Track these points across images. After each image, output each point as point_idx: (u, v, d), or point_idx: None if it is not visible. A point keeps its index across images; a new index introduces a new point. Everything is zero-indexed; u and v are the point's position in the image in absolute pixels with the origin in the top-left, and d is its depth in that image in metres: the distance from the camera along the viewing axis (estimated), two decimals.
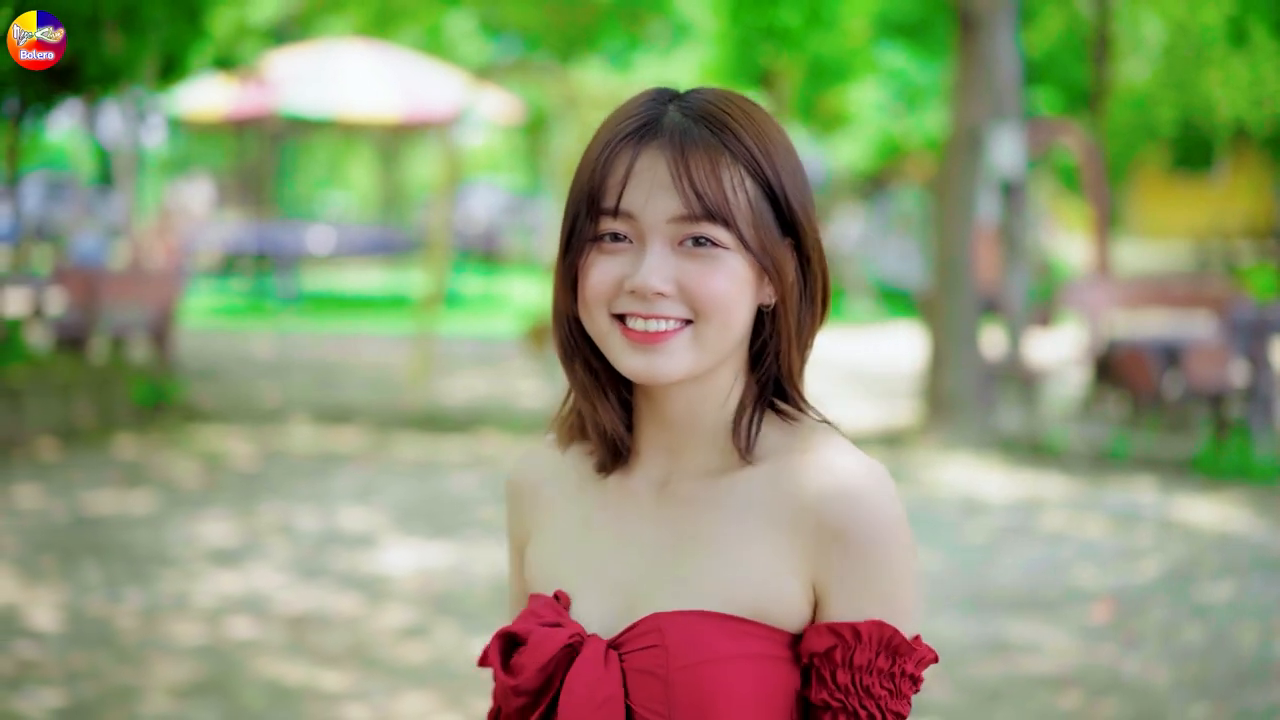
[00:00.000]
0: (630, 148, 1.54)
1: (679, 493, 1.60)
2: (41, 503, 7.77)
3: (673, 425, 1.60)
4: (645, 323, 1.52)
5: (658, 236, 1.52)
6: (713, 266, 1.52)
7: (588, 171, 1.56)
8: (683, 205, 1.51)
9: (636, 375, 1.54)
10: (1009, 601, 6.30)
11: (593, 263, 1.55)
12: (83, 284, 11.29)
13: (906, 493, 8.47)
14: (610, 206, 1.54)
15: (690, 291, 1.52)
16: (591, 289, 1.55)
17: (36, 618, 5.76)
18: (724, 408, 1.60)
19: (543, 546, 1.66)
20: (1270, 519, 7.91)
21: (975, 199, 10.35)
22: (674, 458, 1.62)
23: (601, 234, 1.55)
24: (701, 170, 1.52)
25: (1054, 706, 5.03)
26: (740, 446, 1.58)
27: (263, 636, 5.62)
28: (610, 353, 1.56)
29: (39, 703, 4.85)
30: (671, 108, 1.56)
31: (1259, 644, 5.72)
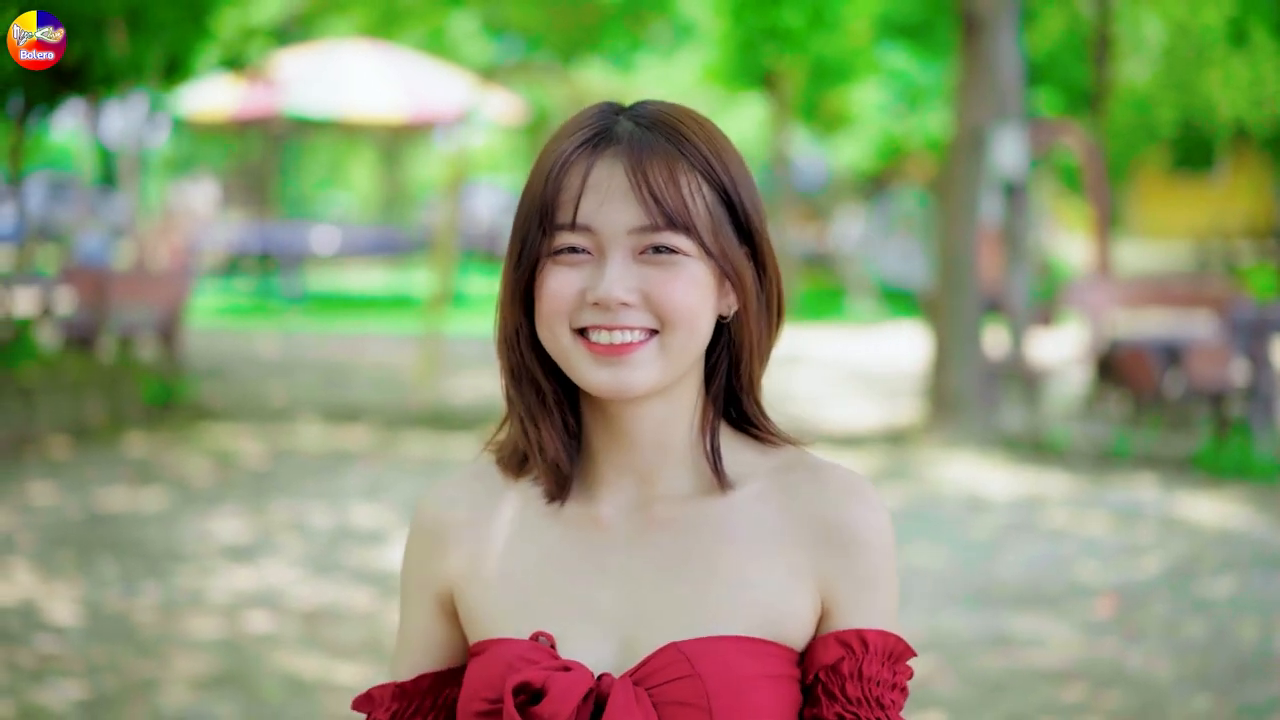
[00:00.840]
0: (584, 159, 1.51)
1: (659, 518, 1.56)
2: (55, 500, 7.86)
3: (641, 447, 1.56)
4: (610, 334, 1.49)
5: (618, 247, 1.49)
6: (675, 274, 1.49)
7: (539, 185, 1.52)
8: (642, 215, 1.49)
9: (603, 390, 1.50)
10: (1012, 597, 6.38)
11: (550, 276, 1.51)
12: (91, 284, 11.38)
13: (910, 490, 8.57)
14: (567, 220, 1.50)
15: (655, 300, 1.49)
16: (551, 303, 1.51)
17: (55, 612, 5.84)
18: (692, 426, 1.57)
19: (494, 589, 1.57)
20: (1271, 516, 8.00)
21: (978, 199, 10.44)
22: (645, 482, 1.57)
23: (559, 248, 1.51)
24: (660, 178, 1.49)
25: (1057, 699, 5.11)
26: (713, 467, 1.56)
27: (278, 631, 5.70)
28: (573, 369, 1.52)
29: (61, 695, 4.93)
30: (622, 118, 1.54)
31: (1260, 638, 5.81)
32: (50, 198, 26.13)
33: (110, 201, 23.38)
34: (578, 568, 1.54)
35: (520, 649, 1.51)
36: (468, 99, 15.92)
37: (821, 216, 23.73)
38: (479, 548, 1.58)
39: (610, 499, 1.57)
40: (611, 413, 1.55)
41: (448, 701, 1.63)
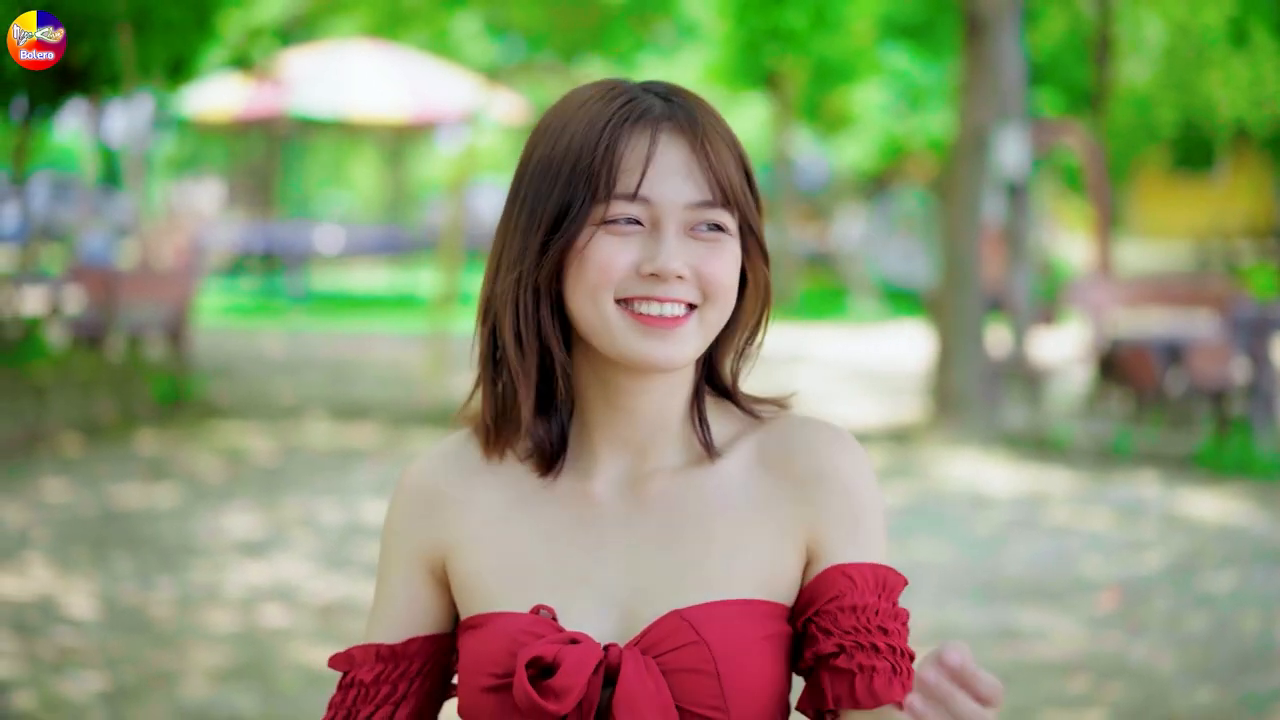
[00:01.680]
0: (643, 130, 1.52)
1: (652, 491, 1.57)
2: (69, 496, 7.94)
3: (642, 422, 1.58)
4: (661, 306, 1.51)
5: (672, 221, 1.52)
6: (721, 251, 1.53)
7: (588, 150, 1.52)
8: (702, 190, 1.52)
9: (646, 361, 1.52)
10: (1017, 591, 6.47)
11: (601, 245, 1.51)
12: (100, 283, 11.47)
13: (914, 488, 8.65)
14: (628, 190, 1.51)
15: (703, 276, 1.52)
16: (603, 272, 1.51)
17: (73, 606, 5.93)
18: (686, 402, 1.60)
19: (491, 561, 1.57)
20: (1271, 512, 8.08)
21: (980, 199, 10.53)
22: (639, 456, 1.59)
23: (613, 218, 1.51)
24: (717, 155, 1.53)
25: (1063, 690, 5.20)
26: (704, 441, 1.58)
27: (294, 624, 5.79)
28: (612, 339, 1.52)
29: (83, 686, 5.02)
30: (652, 97, 1.55)
31: (1261, 631, 5.89)
32: (53, 198, 26.21)
33: (113, 201, 23.46)
34: (574, 542, 1.55)
35: (522, 623, 1.51)
36: (473, 100, 16.00)
37: (823, 216, 23.81)
38: (472, 517, 1.58)
39: (603, 473, 1.58)
40: (618, 386, 1.56)
41: (436, 668, 1.62)
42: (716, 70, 20.85)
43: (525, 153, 1.59)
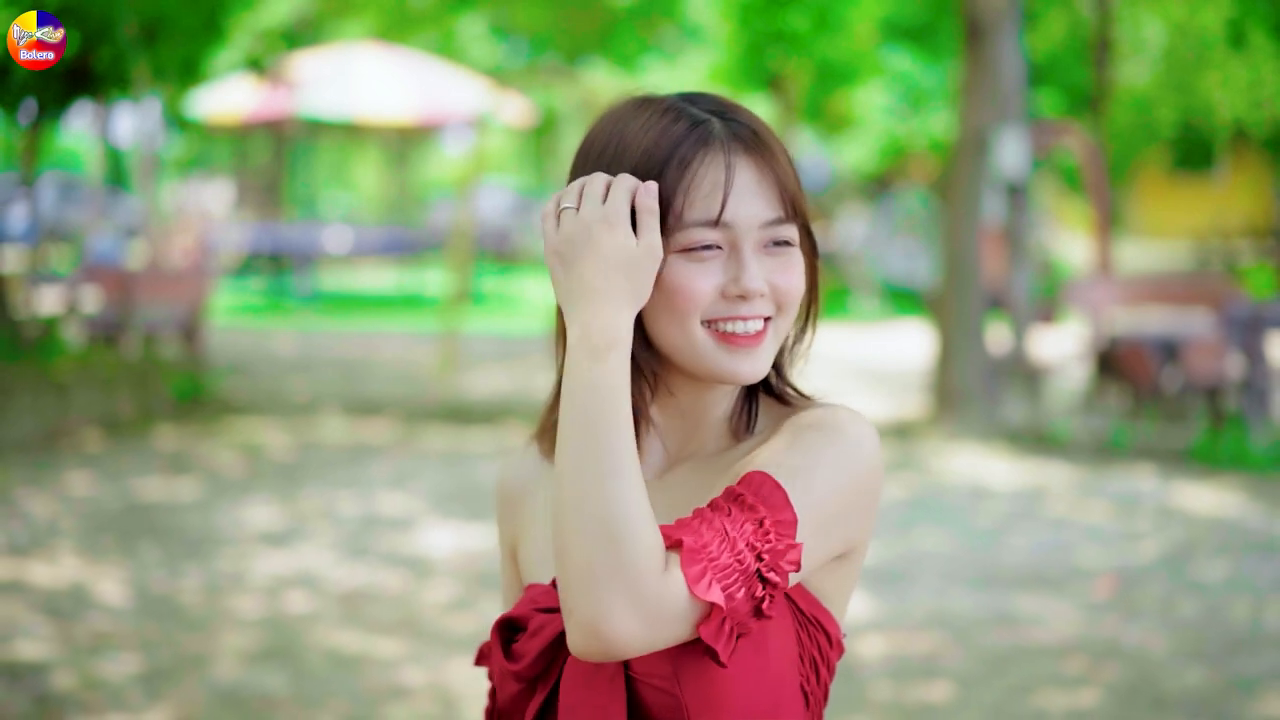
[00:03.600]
0: (715, 157, 1.56)
1: (681, 478, 1.65)
2: (93, 489, 8.16)
3: (685, 416, 1.65)
4: (746, 324, 1.57)
5: (749, 241, 1.57)
6: (792, 263, 1.61)
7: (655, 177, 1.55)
8: (774, 208, 1.58)
9: (738, 378, 1.58)
10: (1016, 579, 6.67)
11: (684, 273, 1.55)
12: (116, 283, 11.70)
13: (917, 481, 8.86)
14: (710, 217, 1.55)
15: (779, 289, 1.59)
16: (690, 299, 1.55)
17: (105, 593, 6.14)
18: (732, 396, 1.66)
19: (536, 540, 1.71)
20: (1264, 504, 8.28)
21: (981, 200, 10.74)
22: (678, 447, 1.66)
23: (693, 245, 1.56)
24: (783, 172, 1.59)
25: (1058, 672, 5.40)
26: (740, 427, 1.66)
27: (319, 609, 6.00)
28: (701, 360, 1.57)
29: (119, 668, 5.23)
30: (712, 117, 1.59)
31: (1251, 617, 6.10)
32: (60, 199, 26.38)
33: (120, 202, 23.65)
34: None
35: (537, 591, 1.64)
36: (479, 101, 16.20)
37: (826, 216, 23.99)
38: (534, 504, 1.73)
39: (645, 463, 1.64)
40: (677, 389, 1.64)
41: None
42: (720, 72, 21.04)
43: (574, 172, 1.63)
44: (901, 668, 5.43)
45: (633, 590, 1.43)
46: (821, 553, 1.54)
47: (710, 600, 1.44)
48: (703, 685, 1.50)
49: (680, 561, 1.45)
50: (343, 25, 22.82)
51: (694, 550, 1.45)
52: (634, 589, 1.43)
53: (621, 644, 1.44)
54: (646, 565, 1.44)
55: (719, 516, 1.48)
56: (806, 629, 1.58)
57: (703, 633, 1.44)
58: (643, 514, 1.46)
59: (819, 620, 1.60)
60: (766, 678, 1.53)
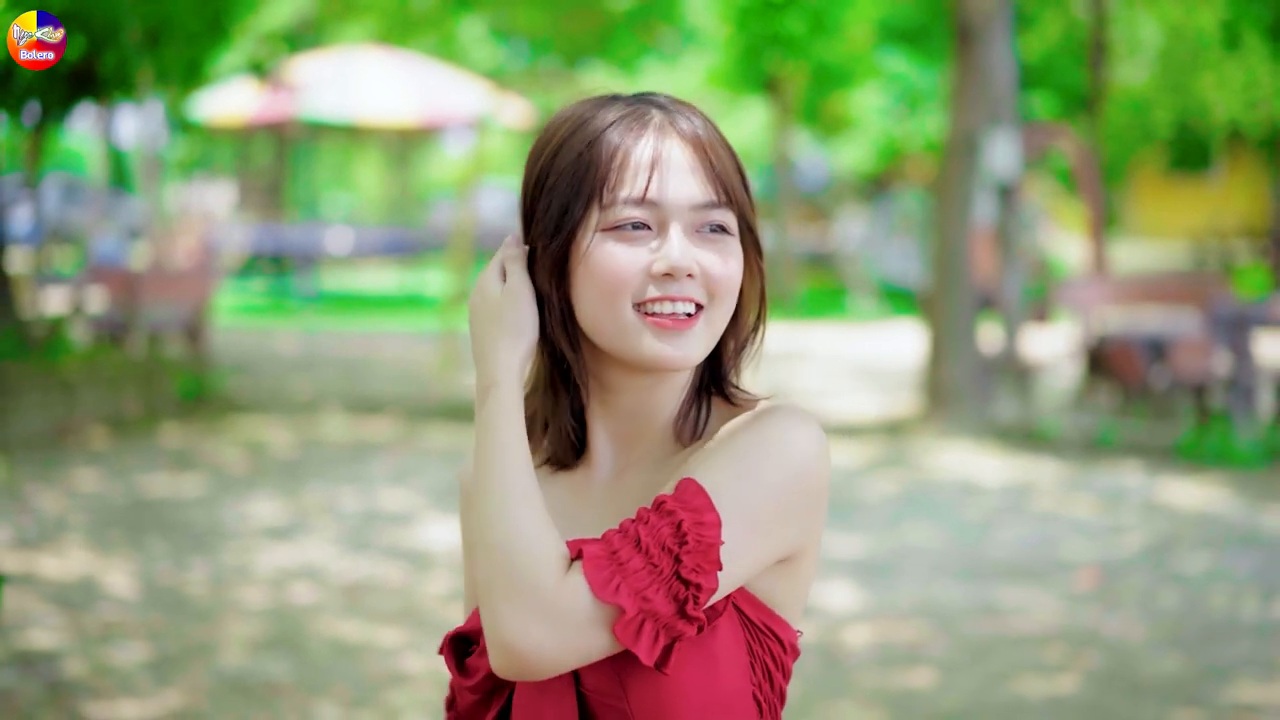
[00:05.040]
0: (647, 136, 1.56)
1: (629, 486, 1.62)
2: (100, 486, 8.33)
3: (631, 418, 1.63)
4: (674, 305, 1.54)
5: (679, 222, 1.55)
6: (726, 250, 1.58)
7: (585, 159, 1.56)
8: (707, 191, 1.56)
9: (663, 362, 1.55)
10: (1001, 571, 6.84)
11: (609, 250, 1.54)
12: (121, 283, 11.88)
13: (907, 477, 9.03)
14: (635, 195, 1.54)
15: (710, 275, 1.56)
16: (616, 276, 1.54)
17: (113, 585, 6.31)
18: (679, 398, 1.63)
19: None
20: (1247, 499, 8.45)
21: (972, 201, 10.92)
22: (626, 451, 1.64)
23: (619, 223, 1.55)
24: (719, 158, 1.58)
25: (1039, 659, 5.57)
26: (688, 431, 1.63)
27: (322, 600, 6.17)
28: (628, 342, 1.55)
29: (128, 656, 5.40)
30: (650, 107, 1.59)
31: (1229, 606, 6.27)
32: (63, 200, 26.54)
33: (123, 204, 23.81)
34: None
35: None
36: (479, 103, 16.38)
37: (824, 217, 24.17)
38: None
39: (596, 468, 1.64)
40: (614, 385, 1.62)
41: None
42: (718, 75, 21.22)
43: (527, 169, 1.63)
44: (886, 655, 5.59)
45: (532, 601, 1.45)
46: (761, 555, 1.52)
47: (616, 603, 1.45)
48: (650, 697, 1.49)
49: (582, 569, 1.46)
50: (344, 28, 23.00)
51: (597, 557, 1.47)
52: (534, 599, 1.45)
53: (534, 657, 1.46)
54: (544, 575, 1.46)
55: (636, 525, 1.49)
56: (757, 637, 1.57)
57: (618, 634, 1.45)
58: (535, 529, 1.48)
59: (770, 627, 1.58)
60: (716, 688, 1.52)
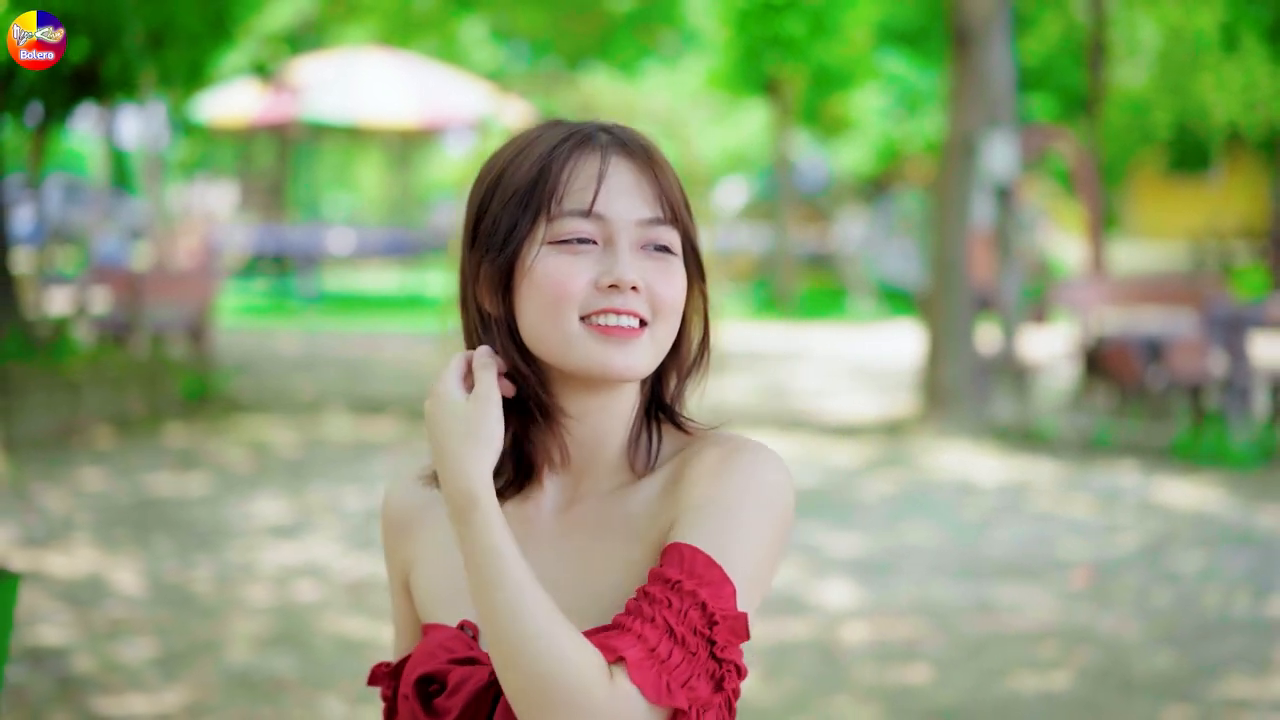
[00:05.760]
0: (594, 154, 1.57)
1: (580, 517, 1.60)
2: (106, 485, 8.41)
3: (579, 445, 1.60)
4: (619, 318, 1.54)
5: (625, 236, 1.55)
6: (670, 269, 1.58)
7: (532, 174, 1.56)
8: (652, 208, 1.57)
9: (604, 369, 1.54)
10: (997, 569, 6.92)
11: (555, 263, 1.54)
12: (125, 284, 11.96)
13: (906, 477, 9.11)
14: (581, 208, 1.54)
15: (654, 293, 1.56)
16: (563, 287, 1.53)
17: (121, 582, 6.39)
18: (627, 427, 1.62)
19: (432, 576, 1.64)
20: (1241, 499, 8.53)
21: (970, 203, 11.00)
22: (574, 481, 1.62)
23: (564, 236, 1.55)
24: (665, 176, 1.59)
25: (1033, 655, 5.65)
26: (640, 460, 1.61)
27: (326, 598, 6.25)
28: (574, 353, 1.54)
29: (136, 652, 5.48)
30: (597, 129, 1.60)
31: (1222, 604, 6.35)
32: (64, 200, 26.63)
33: (124, 204, 23.90)
34: None
35: (443, 636, 1.58)
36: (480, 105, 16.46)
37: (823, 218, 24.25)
38: (427, 535, 1.66)
39: (542, 496, 1.62)
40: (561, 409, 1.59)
41: None
42: (718, 77, 21.31)
43: (474, 190, 1.62)
44: (883, 652, 5.68)
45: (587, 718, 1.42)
46: (756, 605, 1.53)
47: (672, 704, 1.44)
48: None
49: (629, 676, 1.43)
50: (346, 30, 23.09)
51: (640, 660, 1.44)
52: (588, 716, 1.42)
53: None
54: (594, 690, 1.42)
55: (659, 610, 1.45)
56: None
57: None
58: (571, 645, 1.44)
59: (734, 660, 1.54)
60: None
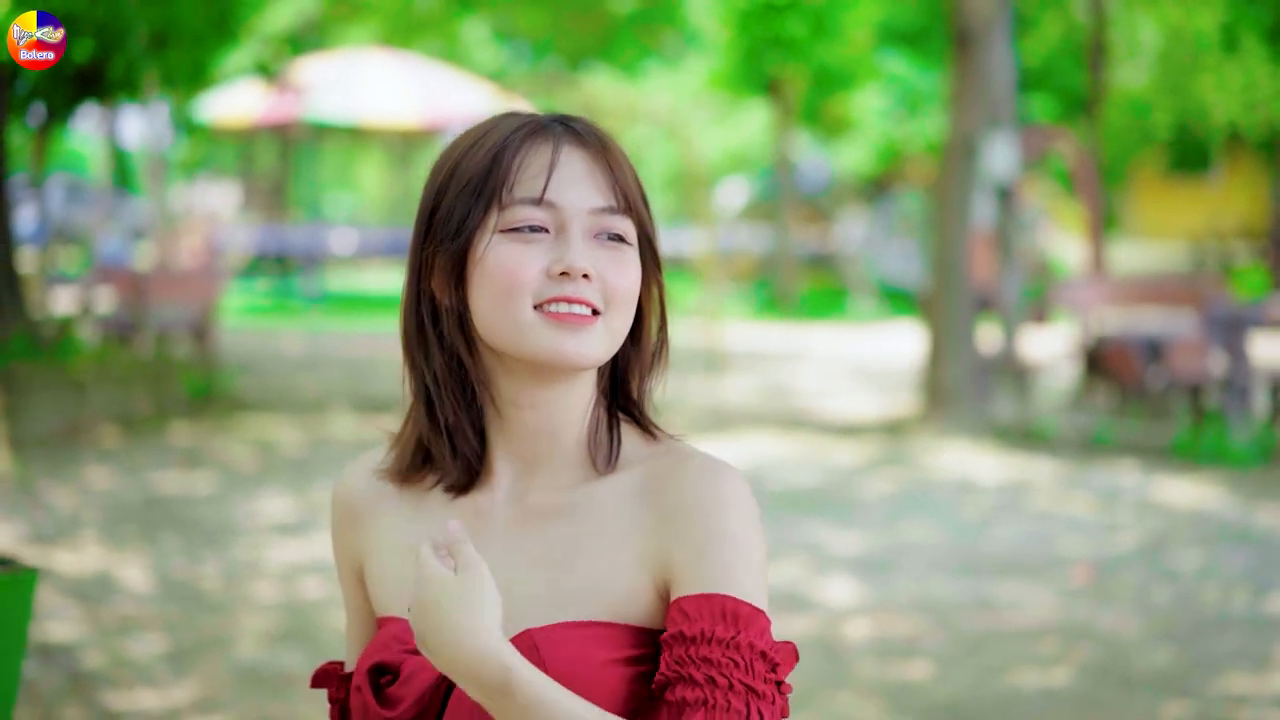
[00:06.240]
0: (546, 143, 1.56)
1: (537, 508, 1.58)
2: (112, 483, 8.47)
3: (533, 438, 1.59)
4: (571, 306, 1.52)
5: (577, 224, 1.54)
6: (623, 259, 1.56)
7: (484, 163, 1.55)
8: (605, 196, 1.56)
9: (562, 356, 1.53)
10: (997, 567, 6.98)
11: (507, 252, 1.53)
12: (129, 284, 12.03)
13: (906, 476, 9.17)
14: (533, 195, 1.53)
15: (607, 282, 1.54)
16: (514, 275, 1.52)
17: (129, 579, 6.45)
18: (584, 420, 1.60)
19: (386, 567, 1.62)
20: (1241, 497, 8.59)
21: (971, 203, 11.06)
22: (529, 473, 1.60)
23: (515, 225, 1.53)
24: (618, 164, 1.58)
25: (1033, 651, 5.71)
26: (601, 457, 1.59)
27: (332, 594, 6.30)
28: (527, 341, 1.53)
29: (145, 648, 5.54)
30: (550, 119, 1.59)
31: (1220, 602, 6.40)
32: (65, 200, 26.69)
33: (126, 204, 23.96)
34: None
35: (397, 629, 1.56)
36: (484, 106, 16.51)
37: (824, 218, 24.32)
38: (380, 526, 1.65)
39: (497, 488, 1.60)
40: (515, 400, 1.58)
41: None
42: (720, 77, 21.37)
43: (429, 182, 1.61)
44: (884, 648, 5.73)
45: None
46: None
47: None
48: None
49: None
50: (348, 30, 23.14)
51: None
52: None
53: None
54: None
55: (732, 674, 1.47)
56: None
57: None
58: None
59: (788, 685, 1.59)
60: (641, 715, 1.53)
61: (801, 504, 8.27)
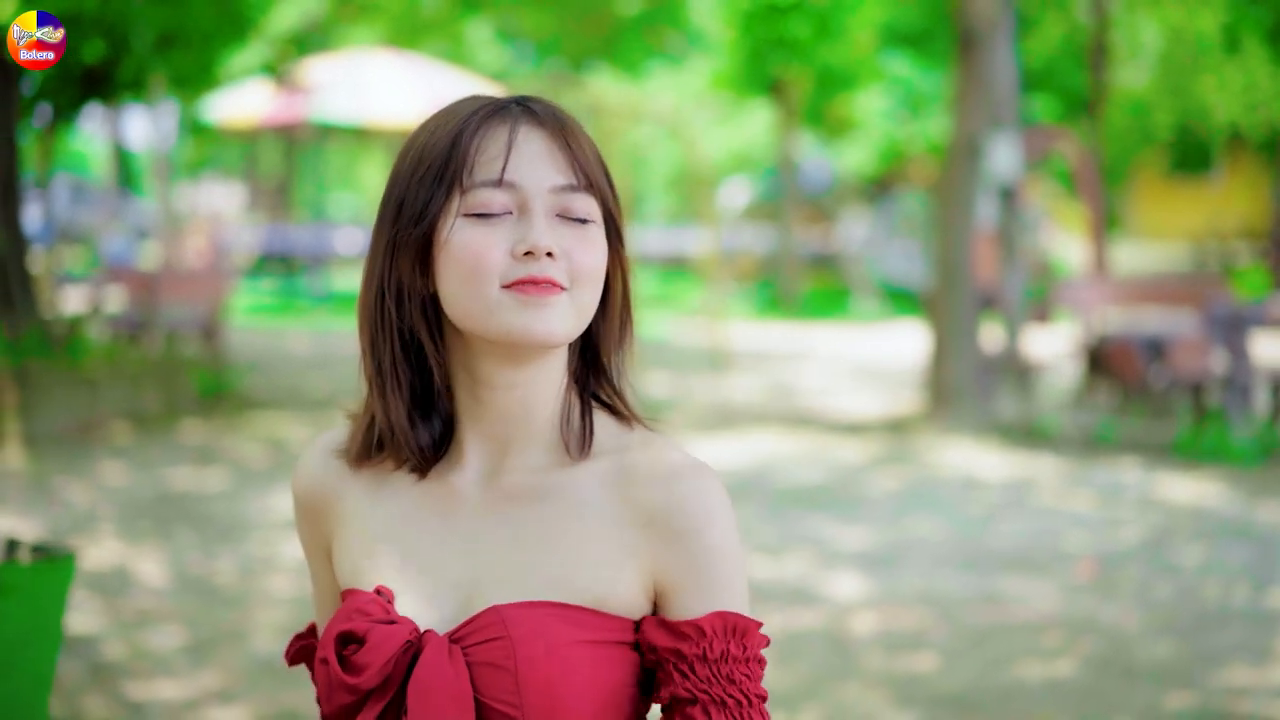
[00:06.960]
0: (503, 123, 1.56)
1: (510, 488, 1.59)
2: (126, 479, 8.57)
3: (505, 419, 1.60)
4: (539, 286, 1.53)
5: (539, 203, 1.54)
6: (587, 237, 1.56)
7: (444, 146, 1.56)
8: (566, 175, 1.56)
9: (526, 333, 1.53)
10: (1002, 562, 7.07)
11: (473, 237, 1.54)
12: (139, 283, 12.13)
13: (910, 473, 9.26)
14: (492, 177, 1.54)
15: (572, 260, 1.55)
16: (480, 257, 1.53)
17: (146, 573, 6.55)
18: (556, 401, 1.61)
19: (351, 544, 1.63)
20: (1242, 494, 8.67)
21: (974, 203, 11.15)
22: (502, 453, 1.61)
23: (477, 209, 1.54)
24: (579, 143, 1.58)
25: (1037, 644, 5.80)
26: (574, 442, 1.60)
27: None
28: (495, 319, 1.53)
29: (164, 640, 5.63)
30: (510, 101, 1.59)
31: (1222, 596, 6.49)
32: (70, 200, 26.79)
33: (130, 204, 24.06)
34: (427, 531, 1.59)
35: (360, 601, 1.56)
36: None
37: (827, 218, 24.41)
38: (343, 507, 1.65)
39: (467, 467, 1.61)
40: (485, 380, 1.59)
41: None
42: (723, 78, 21.45)
43: (393, 170, 1.62)
44: (891, 641, 5.82)
45: None
46: None
47: None
48: (546, 708, 1.51)
49: None
50: (353, 31, 23.23)
51: None
52: None
53: None
54: None
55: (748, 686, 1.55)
56: None
57: None
58: None
59: None
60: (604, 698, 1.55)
61: (807, 500, 8.37)
